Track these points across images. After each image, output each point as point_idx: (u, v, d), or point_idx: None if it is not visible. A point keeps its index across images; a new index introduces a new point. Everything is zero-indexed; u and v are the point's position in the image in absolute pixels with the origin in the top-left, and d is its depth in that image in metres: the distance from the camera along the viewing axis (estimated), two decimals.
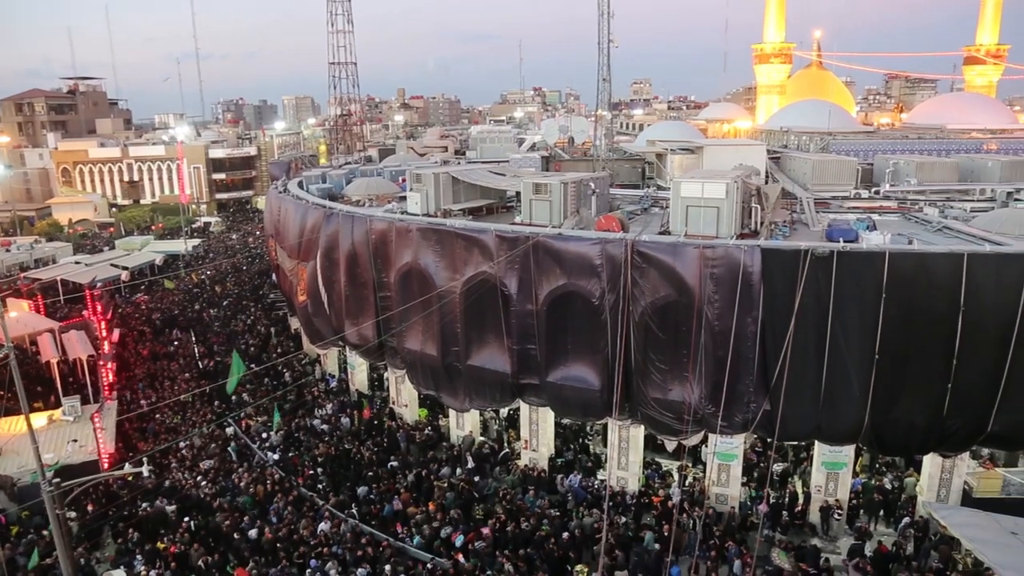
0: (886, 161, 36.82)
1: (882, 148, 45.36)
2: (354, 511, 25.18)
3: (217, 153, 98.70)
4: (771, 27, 78.62)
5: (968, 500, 24.52)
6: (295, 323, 43.09)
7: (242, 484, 26.91)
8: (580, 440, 30.50)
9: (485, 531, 23.28)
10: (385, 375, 35.14)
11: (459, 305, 27.31)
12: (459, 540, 22.80)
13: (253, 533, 23.52)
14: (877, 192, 34.60)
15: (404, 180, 36.55)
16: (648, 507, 25.49)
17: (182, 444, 30.84)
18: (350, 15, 55.37)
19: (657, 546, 22.61)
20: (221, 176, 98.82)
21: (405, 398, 33.02)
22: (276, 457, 29.43)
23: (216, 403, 34.74)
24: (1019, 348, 21.53)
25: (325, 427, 32.01)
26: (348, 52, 56.02)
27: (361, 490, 26.53)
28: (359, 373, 36.05)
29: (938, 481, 24.64)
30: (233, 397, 34.41)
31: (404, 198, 33.28)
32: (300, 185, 42.19)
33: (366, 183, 39.54)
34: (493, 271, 26.15)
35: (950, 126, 57.69)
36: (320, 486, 26.96)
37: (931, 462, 24.64)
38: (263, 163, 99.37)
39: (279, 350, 41.11)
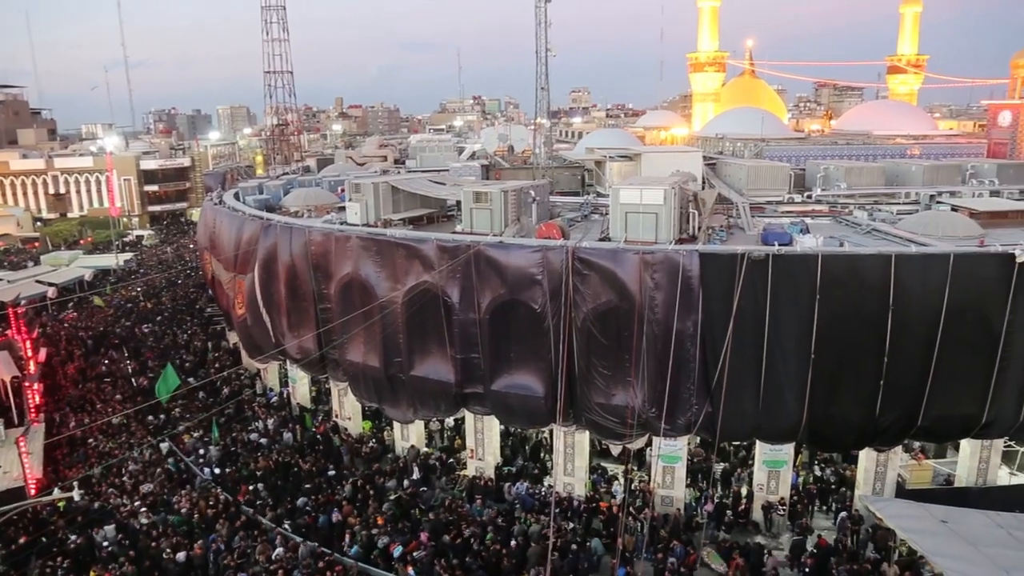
0: (817, 166, 37.84)
1: (813, 154, 46.63)
2: (286, 525, 24.60)
3: (149, 164, 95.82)
4: (705, 37, 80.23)
5: (902, 492, 25.34)
6: (233, 337, 42.07)
7: (183, 507, 25.89)
8: (528, 448, 30.47)
9: (423, 536, 23.14)
10: (327, 388, 34.55)
11: (401, 315, 27.08)
12: (398, 551, 22.55)
13: (181, 556, 22.62)
14: (809, 196, 35.53)
15: (343, 190, 36.06)
16: (596, 512, 25.59)
17: (119, 468, 29.60)
18: (285, 23, 54.70)
19: (604, 551, 22.71)
20: (154, 188, 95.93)
21: (348, 411, 32.53)
22: (216, 471, 28.57)
23: (150, 417, 33.54)
24: (944, 345, 22.44)
25: (264, 441, 31.25)
26: (284, 61, 55.38)
27: (300, 501, 26.02)
28: (301, 387, 35.41)
29: (873, 475, 25.38)
30: (162, 416, 33.36)
31: (343, 208, 32.85)
32: (236, 196, 41.28)
33: (304, 193, 38.91)
34: (435, 280, 26.00)
35: (876, 132, 59.74)
36: (259, 502, 26.23)
37: (866, 456, 25.37)
38: (197, 174, 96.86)
39: (217, 365, 40.06)
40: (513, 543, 22.70)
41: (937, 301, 22.18)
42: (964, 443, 25.66)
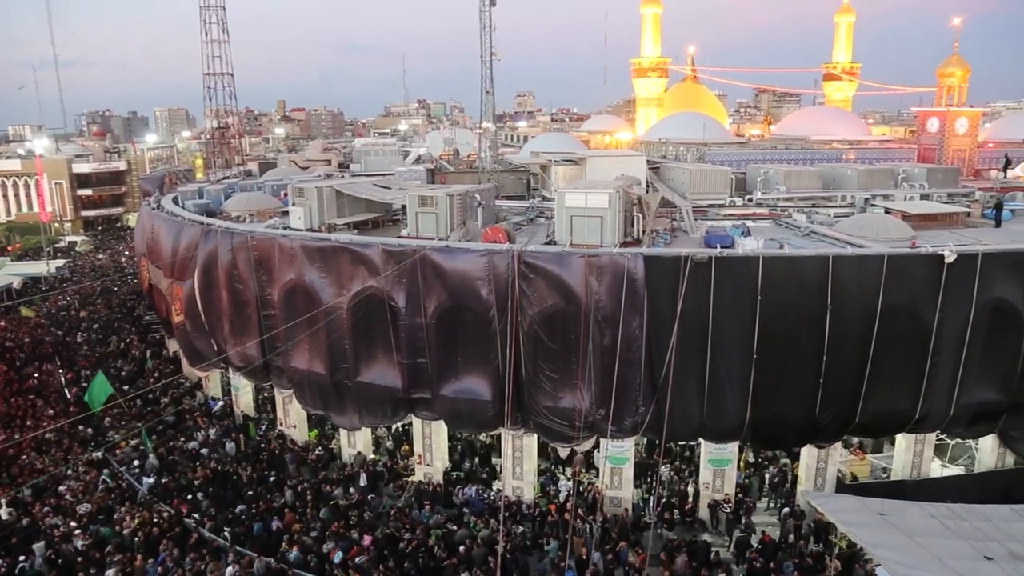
0: (757, 170, 38.71)
1: (753, 158, 47.76)
2: (225, 533, 24.03)
3: (82, 168, 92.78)
4: (648, 43, 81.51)
5: (842, 487, 26.03)
6: (174, 345, 40.95)
7: (127, 526, 24.79)
8: (475, 452, 30.37)
9: (366, 541, 22.95)
10: (271, 396, 33.89)
11: (347, 321, 26.73)
12: (338, 556, 22.27)
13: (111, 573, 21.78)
14: (750, 200, 36.32)
15: (286, 194, 35.51)
16: (545, 514, 25.63)
17: (54, 486, 28.31)
18: (225, 24, 53.60)
19: (560, 553, 22.77)
20: (87, 192, 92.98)
21: (294, 418, 31.95)
22: (151, 482, 27.69)
23: (82, 428, 32.31)
24: (880, 343, 23.18)
25: (204, 451, 30.45)
26: (224, 62, 54.16)
27: (239, 508, 25.49)
28: (244, 395, 34.62)
29: (815, 471, 26.01)
30: (90, 430, 32.21)
31: (287, 213, 32.32)
32: (175, 201, 40.22)
33: (246, 198, 38.17)
34: (380, 285, 25.75)
35: (813, 137, 61.50)
36: (196, 515, 25.48)
37: (807, 453, 25.97)
38: (134, 178, 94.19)
39: (156, 374, 38.93)
40: (462, 548, 22.58)
41: (872, 301, 22.89)
42: (899, 438, 26.48)
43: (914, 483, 26.06)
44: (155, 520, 24.78)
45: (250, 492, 26.72)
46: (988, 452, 26.79)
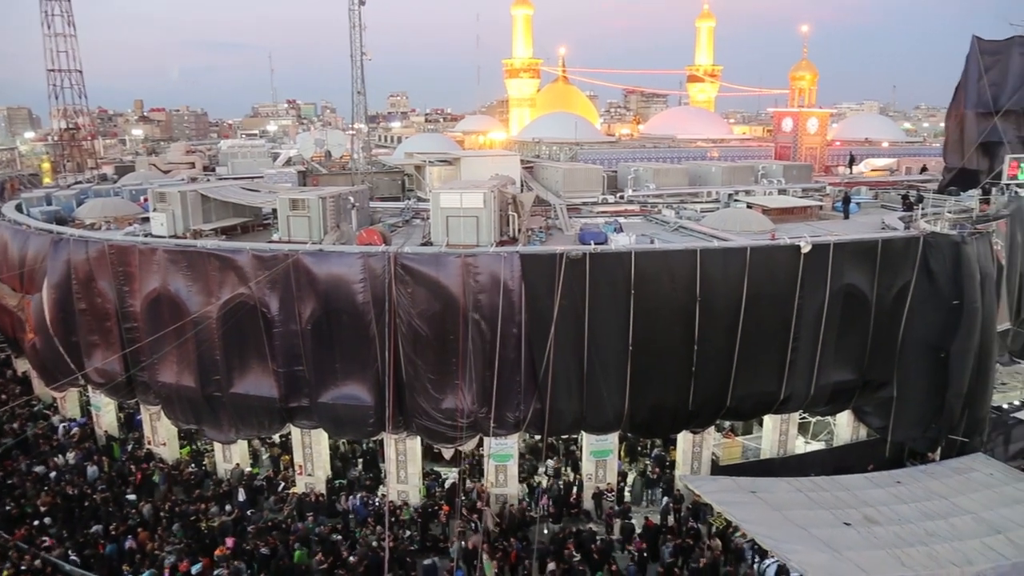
0: (628, 168, 39.88)
1: (624, 156, 49.36)
2: (73, 557, 22.58)
3: None
4: (520, 44, 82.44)
5: (716, 469, 27.21)
6: (24, 364, 37.87)
7: None
8: (359, 458, 29.77)
9: (228, 542, 22.46)
10: (135, 413, 31.91)
11: (217, 331, 25.56)
12: (196, 567, 21.57)
13: None
14: (622, 197, 37.36)
15: (146, 199, 33.51)
16: (432, 517, 25.43)
17: None
18: (71, 16, 49.83)
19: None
20: None
21: (163, 436, 30.22)
22: None
23: None
24: (746, 331, 24.45)
25: (53, 474, 28.29)
26: (71, 58, 50.45)
27: (94, 529, 24.06)
28: (106, 414, 32.41)
29: (691, 455, 27.07)
30: None
31: (147, 219, 30.53)
32: (19, 208, 37.19)
33: (101, 204, 35.76)
34: (252, 293, 24.78)
35: (680, 136, 64.19)
36: (44, 543, 23.64)
37: (683, 439, 26.99)
38: None
39: (3, 396, 35.90)
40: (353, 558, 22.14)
41: (738, 291, 24.11)
42: (767, 419, 27.93)
43: (781, 460, 27.60)
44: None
45: (110, 510, 25.17)
46: (844, 427, 28.72)
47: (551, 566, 21.57)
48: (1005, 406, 29.81)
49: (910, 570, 19.17)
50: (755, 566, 22.82)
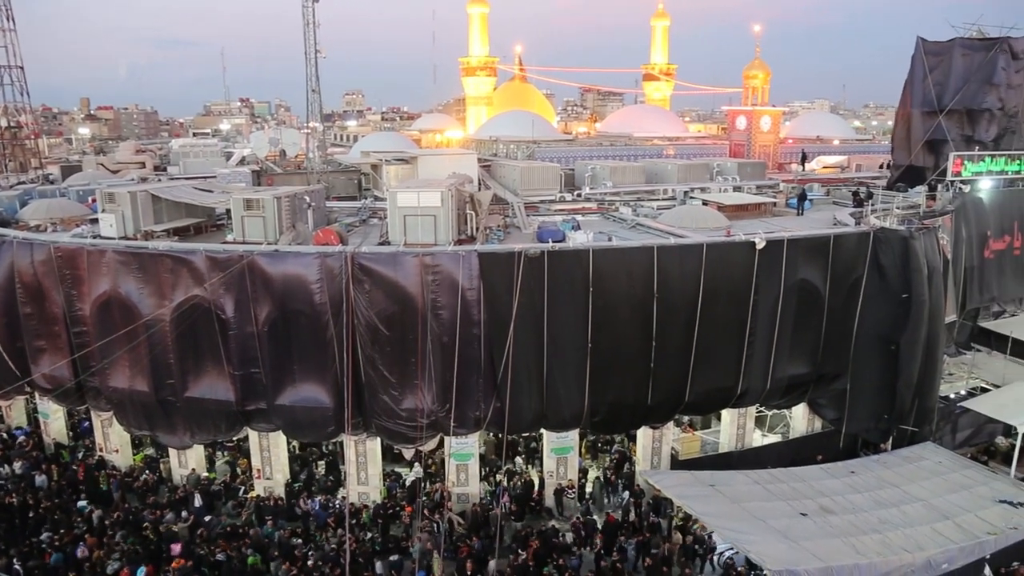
0: (585, 166, 40.05)
1: (581, 154, 49.50)
2: (17, 567, 21.92)
3: None
4: (476, 42, 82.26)
5: (676, 463, 27.50)
6: None
7: None
8: (316, 460, 29.43)
9: (176, 548, 22.21)
10: (83, 420, 31.11)
11: (170, 334, 25.02)
12: (140, 573, 21.29)
13: None
14: (579, 195, 37.53)
15: (94, 200, 32.67)
16: (395, 518, 25.25)
17: None
18: (10, 11, 48.22)
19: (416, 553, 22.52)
20: None
21: (115, 442, 29.50)
22: None
23: None
24: (703, 326, 24.76)
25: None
26: (12, 53, 48.84)
27: (43, 536, 23.41)
28: (55, 422, 31.52)
29: (651, 450, 27.30)
30: None
31: (96, 220, 29.76)
32: None
33: (47, 205, 34.78)
34: (206, 294, 24.32)
35: (636, 134, 64.59)
36: None
37: (643, 434, 27.21)
38: None
39: None
40: (311, 562, 21.84)
41: (695, 287, 24.40)
42: (724, 413, 28.33)
43: (739, 454, 28.00)
44: None
45: (55, 518, 24.52)
46: (800, 419, 29.28)
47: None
48: (952, 396, 30.73)
49: (864, 557, 19.64)
50: (714, 557, 23.17)
